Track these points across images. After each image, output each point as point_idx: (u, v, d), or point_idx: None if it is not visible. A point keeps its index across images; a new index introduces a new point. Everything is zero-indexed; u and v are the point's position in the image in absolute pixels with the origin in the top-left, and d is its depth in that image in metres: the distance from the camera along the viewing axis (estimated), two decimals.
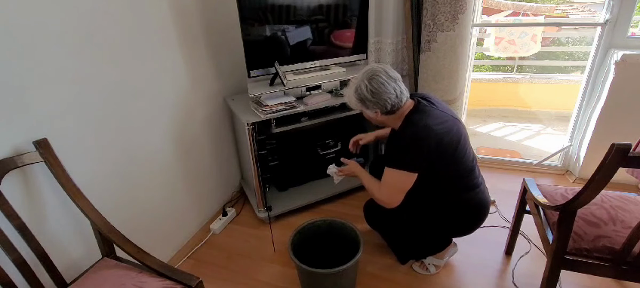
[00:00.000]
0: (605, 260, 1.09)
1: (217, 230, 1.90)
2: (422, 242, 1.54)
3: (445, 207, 1.35)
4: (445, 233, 1.49)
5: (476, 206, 1.36)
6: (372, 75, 1.22)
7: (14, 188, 1.05)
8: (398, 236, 1.57)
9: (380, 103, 1.22)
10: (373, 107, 1.25)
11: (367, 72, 1.24)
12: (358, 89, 1.25)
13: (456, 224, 1.41)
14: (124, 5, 1.35)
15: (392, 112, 1.26)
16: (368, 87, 1.22)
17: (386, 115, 1.27)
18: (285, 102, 1.72)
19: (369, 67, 1.26)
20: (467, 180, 1.33)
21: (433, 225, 1.40)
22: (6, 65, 1.00)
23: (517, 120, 3.84)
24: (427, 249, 1.55)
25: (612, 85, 1.81)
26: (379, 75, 1.22)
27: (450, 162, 1.27)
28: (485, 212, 1.39)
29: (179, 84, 1.67)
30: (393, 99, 1.22)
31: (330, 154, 2.15)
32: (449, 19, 1.78)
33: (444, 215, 1.37)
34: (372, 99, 1.22)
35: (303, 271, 1.34)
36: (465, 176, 1.32)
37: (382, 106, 1.23)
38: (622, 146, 0.82)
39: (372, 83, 1.21)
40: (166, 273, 1.06)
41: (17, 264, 1.01)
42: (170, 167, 1.67)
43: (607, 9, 1.79)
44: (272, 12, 1.72)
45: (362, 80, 1.24)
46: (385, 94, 1.21)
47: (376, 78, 1.21)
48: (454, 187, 1.33)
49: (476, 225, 1.41)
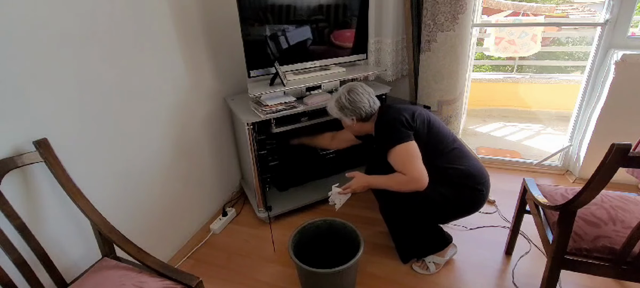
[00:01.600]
0: (605, 260, 1.09)
1: (217, 230, 1.90)
2: (423, 236, 1.53)
3: (443, 182, 1.37)
4: (452, 210, 1.45)
5: (471, 174, 1.39)
6: (351, 88, 1.49)
7: (14, 188, 1.05)
8: (406, 229, 1.54)
9: (356, 111, 1.47)
10: (350, 114, 1.48)
11: (347, 86, 1.51)
12: (338, 100, 1.50)
13: (460, 198, 1.39)
14: (124, 6, 1.35)
15: (366, 119, 1.49)
16: (347, 97, 1.47)
17: (362, 122, 1.50)
18: (285, 102, 1.72)
19: (349, 83, 1.53)
20: (453, 152, 1.42)
21: (435, 205, 1.38)
22: (6, 65, 1.00)
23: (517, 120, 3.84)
24: (429, 246, 1.55)
25: (612, 85, 1.81)
26: (356, 88, 1.49)
27: (431, 131, 1.42)
28: (483, 179, 1.41)
29: (179, 84, 1.68)
30: (367, 107, 1.47)
31: (330, 154, 2.15)
32: (449, 19, 1.78)
33: (444, 192, 1.37)
34: (350, 107, 1.47)
35: (303, 271, 1.34)
36: (449, 150, 1.42)
37: (358, 114, 1.47)
38: (622, 146, 0.82)
39: (350, 94, 1.47)
40: (166, 273, 1.06)
41: (17, 264, 1.01)
42: (170, 167, 1.67)
43: (607, 9, 1.79)
44: (272, 12, 1.72)
45: (342, 93, 1.50)
46: (360, 103, 1.46)
47: (354, 90, 1.48)
48: (443, 159, 1.40)
49: (478, 191, 1.40)
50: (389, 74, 2.13)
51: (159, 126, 1.58)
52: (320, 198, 2.04)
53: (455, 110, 2.01)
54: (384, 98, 1.98)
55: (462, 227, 1.82)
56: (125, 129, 1.41)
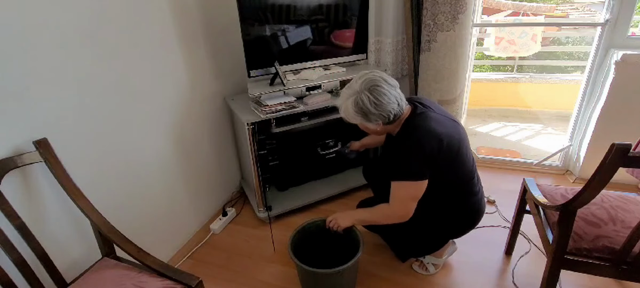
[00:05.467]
0: (605, 260, 1.09)
1: (217, 230, 1.90)
2: (419, 241, 1.53)
3: (444, 212, 1.35)
4: (439, 235, 1.49)
5: (474, 213, 1.38)
6: (373, 85, 1.14)
7: (14, 188, 1.05)
8: (395, 236, 1.57)
9: (384, 114, 1.15)
10: (376, 119, 1.17)
11: (367, 82, 1.15)
12: (358, 102, 1.15)
13: (452, 228, 1.42)
14: (124, 5, 1.35)
15: (393, 121, 1.20)
16: (370, 98, 1.13)
17: (387, 124, 1.21)
18: (285, 102, 1.72)
19: (367, 76, 1.16)
20: (468, 186, 1.32)
21: (430, 227, 1.40)
22: (6, 65, 1.00)
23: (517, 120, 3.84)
24: (425, 248, 1.55)
25: (612, 85, 1.81)
26: (381, 85, 1.14)
27: (453, 166, 1.23)
28: (480, 218, 1.41)
29: (179, 84, 1.67)
30: (396, 108, 1.16)
31: (330, 154, 2.15)
32: (449, 18, 1.78)
33: (442, 220, 1.38)
34: (375, 112, 1.14)
35: (303, 271, 1.34)
36: (467, 181, 1.30)
37: (386, 117, 1.16)
38: (622, 146, 0.82)
39: (374, 94, 1.13)
40: (166, 273, 1.06)
41: (17, 264, 1.01)
42: (170, 167, 1.67)
43: (607, 9, 1.79)
44: (272, 11, 1.72)
45: (362, 92, 1.14)
46: (389, 105, 1.14)
47: (378, 88, 1.13)
48: (455, 192, 1.31)
49: (469, 229, 1.43)
50: (389, 73, 2.12)
51: (159, 126, 1.58)
52: (320, 198, 2.04)
53: (455, 110, 2.01)
54: None
55: None
56: (125, 129, 1.41)
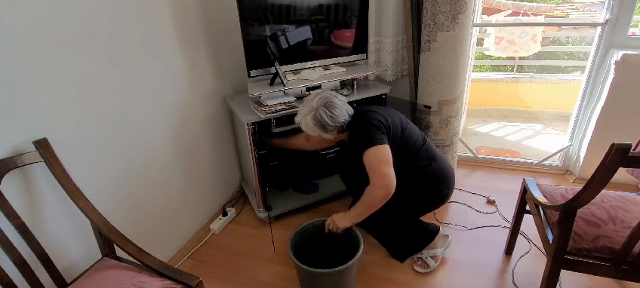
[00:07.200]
0: (605, 260, 1.09)
1: (217, 230, 1.90)
2: (409, 232, 1.58)
3: (412, 184, 1.46)
4: (419, 207, 1.56)
5: (438, 176, 1.49)
6: (328, 102, 1.41)
7: (14, 188, 1.05)
8: (387, 235, 1.61)
9: (338, 125, 1.43)
10: (332, 130, 1.43)
11: (322, 99, 1.42)
12: (317, 116, 1.41)
13: (426, 197, 1.52)
14: (124, 5, 1.35)
15: (346, 130, 1.47)
16: (327, 113, 1.40)
17: (340, 133, 1.47)
18: (285, 102, 1.72)
19: (321, 94, 1.45)
20: (422, 153, 1.48)
21: (407, 205, 1.49)
22: (6, 65, 1.00)
23: (517, 120, 3.84)
24: (416, 239, 1.58)
25: (612, 85, 1.81)
26: (334, 101, 1.42)
27: (403, 138, 1.44)
28: (448, 179, 1.51)
29: (179, 84, 1.67)
30: (346, 118, 1.44)
31: (330, 154, 2.15)
32: (449, 18, 1.77)
33: (413, 193, 1.48)
34: (331, 124, 1.41)
35: (303, 271, 1.34)
36: (418, 149, 1.48)
37: (340, 127, 1.43)
38: (622, 146, 0.82)
39: (330, 109, 1.40)
40: (166, 273, 1.06)
41: (17, 264, 1.01)
42: (170, 167, 1.67)
43: (607, 9, 1.79)
44: (272, 11, 1.72)
45: (319, 108, 1.40)
46: (341, 117, 1.42)
47: (331, 103, 1.41)
48: (413, 163, 1.46)
49: (443, 194, 1.52)
50: (389, 73, 2.13)
51: (158, 126, 1.58)
52: (320, 198, 2.04)
53: (455, 110, 2.01)
54: (384, 98, 1.97)
55: (462, 227, 1.82)
56: (125, 129, 1.41)
